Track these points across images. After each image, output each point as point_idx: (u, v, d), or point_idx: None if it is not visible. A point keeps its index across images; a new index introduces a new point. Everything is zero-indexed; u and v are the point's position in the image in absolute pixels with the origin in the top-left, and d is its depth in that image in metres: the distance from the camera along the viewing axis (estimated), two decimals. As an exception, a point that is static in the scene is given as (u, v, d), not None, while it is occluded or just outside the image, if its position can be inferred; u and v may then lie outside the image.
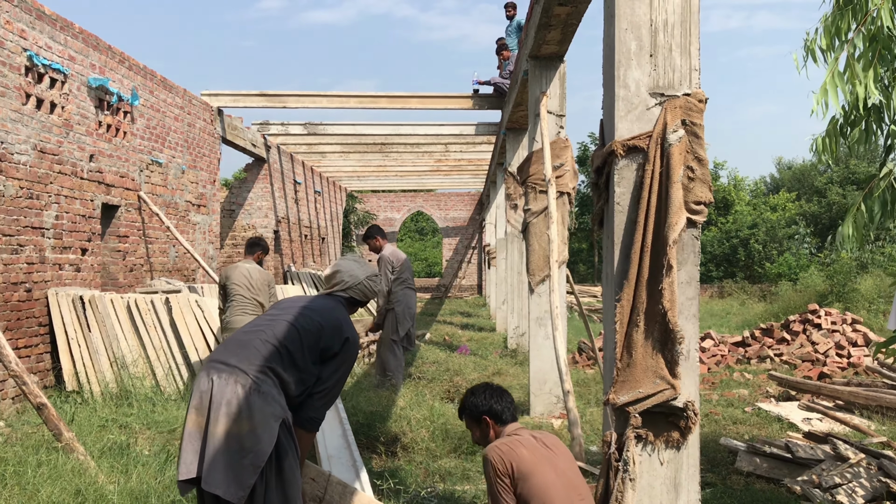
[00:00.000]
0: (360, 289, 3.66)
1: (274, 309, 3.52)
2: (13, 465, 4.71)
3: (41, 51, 7.83)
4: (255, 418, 3.07)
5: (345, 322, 3.45)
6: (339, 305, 3.57)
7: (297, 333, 3.29)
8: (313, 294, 3.55)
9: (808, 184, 38.50)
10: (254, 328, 3.36)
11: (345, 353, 3.37)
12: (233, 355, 3.22)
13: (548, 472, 3.30)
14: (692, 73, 3.54)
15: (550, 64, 7.95)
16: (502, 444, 3.42)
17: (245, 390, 3.10)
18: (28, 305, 7.76)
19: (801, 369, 9.98)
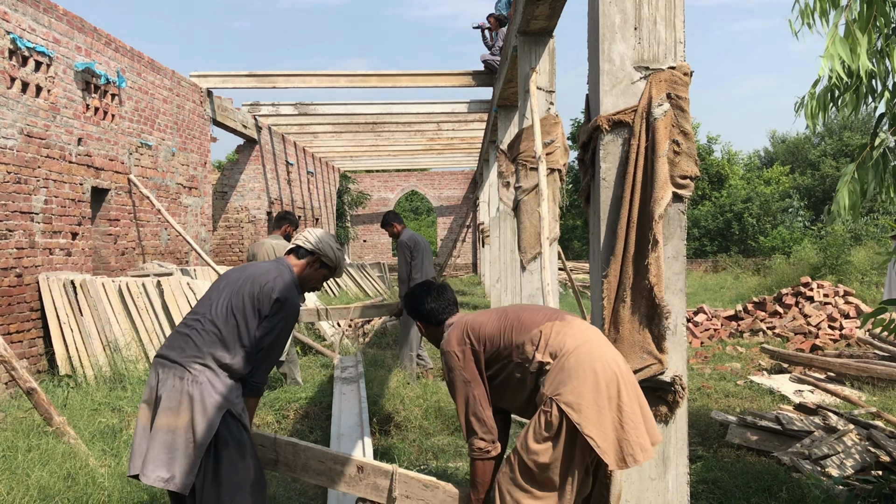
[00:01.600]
0: (304, 242, 3.55)
1: (216, 287, 3.42)
2: (3, 450, 4.71)
3: (25, 33, 7.75)
4: (193, 409, 3.10)
5: (278, 283, 3.35)
6: (280, 267, 3.46)
7: (231, 312, 3.26)
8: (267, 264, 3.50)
9: (802, 157, 38.47)
10: (194, 316, 3.32)
11: (275, 315, 3.30)
12: (174, 349, 3.23)
13: (509, 313, 3.30)
14: (677, 46, 3.51)
15: (539, 39, 7.88)
16: (455, 329, 3.38)
17: (182, 383, 3.13)
18: (19, 291, 7.73)
19: (794, 342, 10.02)
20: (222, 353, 3.21)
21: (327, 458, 3.60)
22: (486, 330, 3.29)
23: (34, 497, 4.02)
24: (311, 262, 3.54)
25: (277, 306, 3.30)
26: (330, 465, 3.61)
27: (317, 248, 3.53)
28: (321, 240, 3.55)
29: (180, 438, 3.08)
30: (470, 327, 3.32)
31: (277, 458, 3.61)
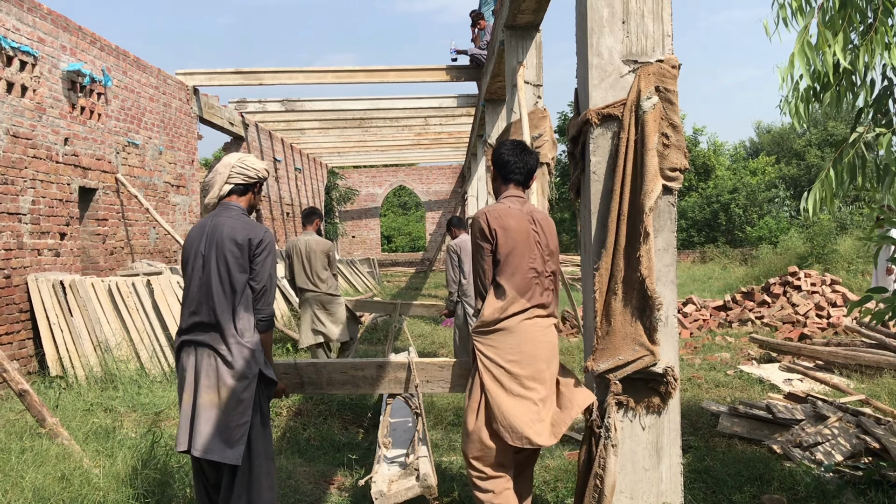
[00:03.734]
0: (235, 177, 3.67)
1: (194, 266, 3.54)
2: (-3, 453, 4.70)
3: (9, 33, 7.69)
4: (230, 386, 3.37)
5: (246, 228, 3.53)
6: (233, 213, 3.61)
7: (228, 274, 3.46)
8: (215, 220, 3.60)
9: (788, 147, 38.67)
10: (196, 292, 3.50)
11: (257, 258, 3.51)
12: (198, 331, 3.46)
13: (523, 250, 3.60)
14: (665, 39, 3.53)
15: (526, 33, 7.89)
16: (490, 209, 3.70)
17: (216, 361, 3.40)
18: (7, 292, 7.69)
19: (782, 331, 10.09)
20: (237, 323, 3.44)
21: (348, 368, 4.03)
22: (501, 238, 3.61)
23: (29, 499, 4.01)
24: (254, 191, 3.77)
25: (257, 245, 3.51)
26: (351, 374, 4.06)
27: (251, 180, 3.70)
28: (246, 168, 3.68)
29: (226, 413, 3.36)
30: (497, 215, 3.65)
31: (302, 380, 3.98)
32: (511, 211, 3.65)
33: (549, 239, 3.70)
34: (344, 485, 4.91)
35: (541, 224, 3.69)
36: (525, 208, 3.70)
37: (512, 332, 3.54)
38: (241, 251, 3.47)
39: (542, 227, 3.68)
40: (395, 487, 3.89)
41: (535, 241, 3.63)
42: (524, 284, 3.57)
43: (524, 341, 3.53)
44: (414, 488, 3.86)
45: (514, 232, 3.59)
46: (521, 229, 3.61)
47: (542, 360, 3.54)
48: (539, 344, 3.55)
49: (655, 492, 3.54)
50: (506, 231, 3.58)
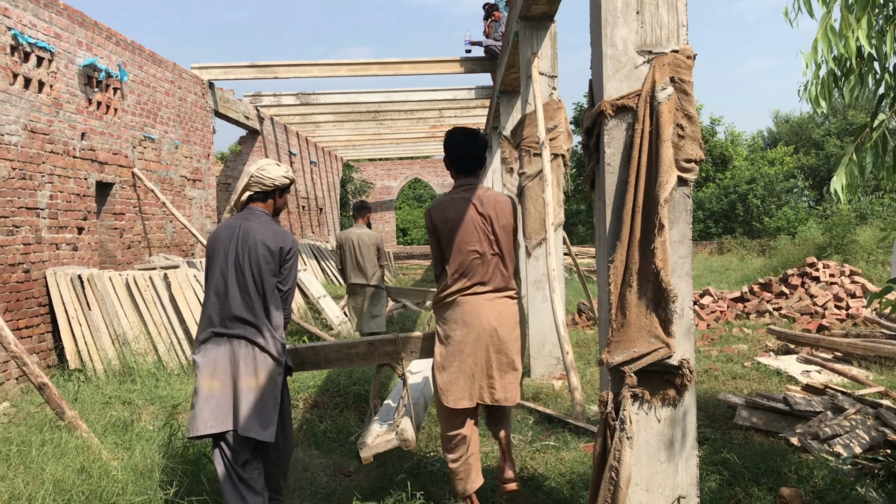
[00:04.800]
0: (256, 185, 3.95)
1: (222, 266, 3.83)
2: (17, 445, 4.75)
3: (26, 29, 7.75)
4: (269, 372, 3.75)
5: (276, 235, 3.86)
6: (261, 218, 3.91)
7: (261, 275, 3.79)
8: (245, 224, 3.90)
9: (806, 136, 38.31)
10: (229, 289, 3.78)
11: (286, 262, 3.87)
12: (230, 324, 3.76)
13: (463, 236, 4.02)
14: (680, 30, 3.50)
15: (541, 24, 7.86)
16: (434, 204, 4.20)
17: (253, 350, 3.75)
18: (27, 286, 7.77)
19: (800, 322, 10.03)
20: (272, 318, 3.80)
21: (342, 347, 4.61)
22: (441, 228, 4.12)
23: (49, 491, 4.06)
24: (274, 197, 4.02)
25: (286, 253, 3.86)
26: (346, 352, 4.62)
27: (273, 185, 3.96)
28: (267, 175, 3.95)
29: (263, 396, 3.72)
30: (438, 209, 4.14)
31: (304, 361, 4.51)
32: (452, 202, 4.11)
33: (497, 220, 4.06)
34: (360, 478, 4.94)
35: (489, 207, 4.06)
36: (477, 193, 4.09)
37: (457, 304, 4.05)
38: (273, 257, 3.81)
39: (489, 211, 4.05)
40: (378, 440, 4.43)
41: (476, 226, 4.03)
42: (465, 265, 4.02)
43: (467, 312, 4.02)
44: (392, 440, 4.40)
45: (452, 221, 4.05)
46: (458, 217, 4.04)
47: (485, 328, 4.00)
48: (479, 313, 4.01)
49: (671, 484, 3.53)
50: (445, 221, 4.06)
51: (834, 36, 3.61)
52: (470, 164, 4.16)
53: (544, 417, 6.14)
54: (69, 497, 4.04)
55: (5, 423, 5.71)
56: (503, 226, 4.09)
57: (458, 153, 4.15)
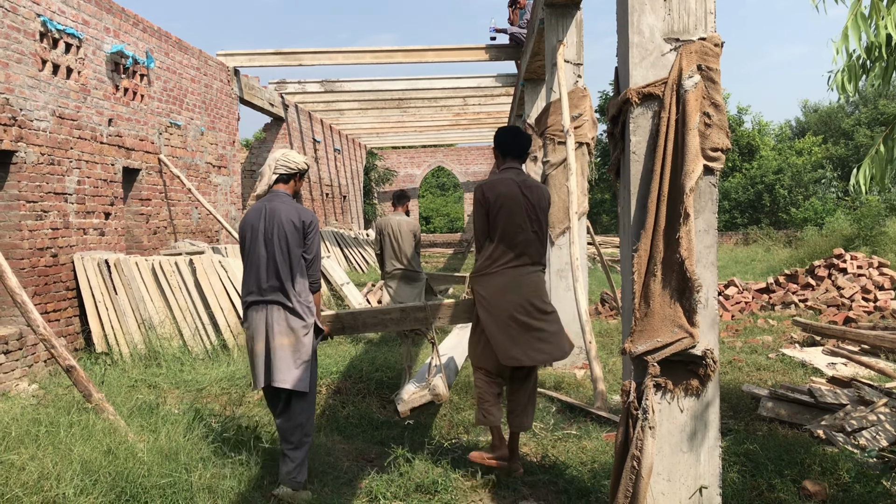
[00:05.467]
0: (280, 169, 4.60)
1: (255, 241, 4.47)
2: (46, 426, 4.82)
3: (55, 16, 7.82)
4: (297, 330, 4.39)
5: (299, 212, 4.50)
6: (284, 198, 4.55)
7: (287, 255, 4.42)
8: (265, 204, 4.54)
9: (835, 126, 37.75)
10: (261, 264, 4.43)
11: (309, 235, 4.49)
12: (264, 293, 4.41)
13: (512, 213, 4.48)
14: (707, 17, 3.46)
15: (566, 11, 7.81)
16: (486, 182, 4.63)
17: (285, 313, 4.38)
18: (55, 270, 7.88)
19: (826, 314, 9.92)
20: (296, 286, 4.42)
21: (378, 313, 5.24)
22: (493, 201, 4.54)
23: (77, 471, 4.12)
24: (296, 179, 4.69)
25: (308, 226, 4.48)
26: (381, 317, 5.22)
27: (293, 170, 4.64)
28: (288, 161, 4.62)
29: (297, 352, 4.36)
30: (490, 185, 4.60)
31: (343, 325, 5.02)
32: (503, 181, 4.56)
33: (537, 202, 4.54)
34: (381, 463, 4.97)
35: (530, 190, 4.55)
36: (519, 178, 4.58)
37: (500, 275, 4.49)
38: (298, 231, 4.43)
39: (531, 193, 4.54)
40: (413, 396, 5.10)
41: (521, 205, 4.49)
42: (511, 239, 4.47)
43: (509, 282, 4.46)
44: (426, 395, 5.09)
45: (504, 197, 4.48)
46: (510, 194, 4.49)
47: (525, 296, 4.45)
48: (522, 284, 4.47)
49: (693, 474, 3.52)
50: (497, 197, 4.49)
51: (864, 23, 3.55)
52: (519, 149, 4.72)
53: (566, 406, 6.14)
54: (96, 477, 4.10)
55: (34, 405, 5.80)
56: (542, 209, 4.58)
57: (506, 140, 4.71)
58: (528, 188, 4.56)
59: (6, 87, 7.09)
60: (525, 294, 4.46)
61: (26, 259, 7.41)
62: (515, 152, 4.71)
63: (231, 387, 6.67)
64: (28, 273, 7.42)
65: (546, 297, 4.60)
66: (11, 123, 7.16)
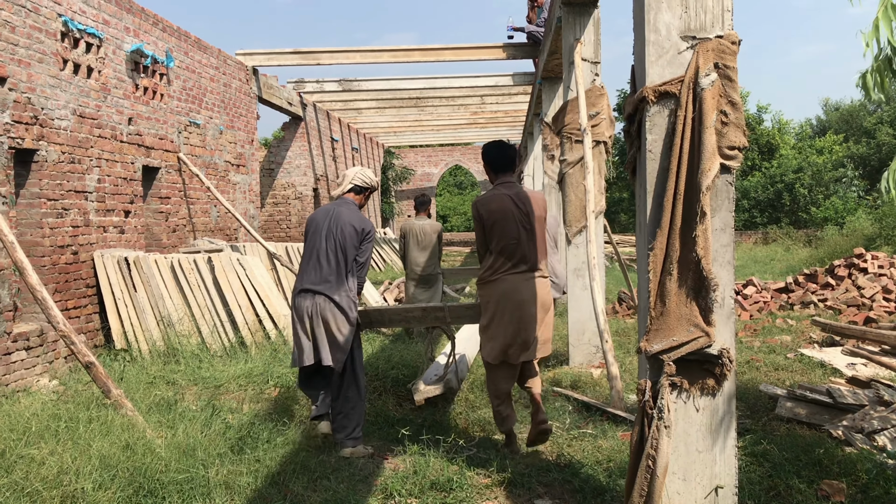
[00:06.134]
0: (356, 181, 5.38)
1: (317, 235, 5.17)
2: (65, 421, 4.88)
3: (75, 15, 7.90)
4: (339, 319, 5.05)
5: (361, 220, 5.21)
6: (351, 206, 5.30)
7: (342, 252, 5.12)
8: (334, 207, 5.30)
9: (857, 125, 37.39)
10: (319, 260, 5.13)
11: (364, 241, 5.18)
12: (315, 283, 5.09)
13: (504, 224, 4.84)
14: (724, 14, 3.44)
15: (584, 10, 7.78)
16: (479, 198, 5.02)
17: (332, 304, 5.05)
18: (75, 268, 7.96)
19: (846, 314, 9.83)
20: (346, 281, 5.10)
21: (401, 311, 6.01)
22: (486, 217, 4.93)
23: (96, 466, 4.17)
24: (366, 195, 5.48)
25: (366, 234, 5.19)
26: (404, 314, 5.98)
27: (366, 185, 5.44)
28: (365, 177, 5.43)
29: (340, 337, 5.05)
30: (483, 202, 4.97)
31: (371, 320, 5.79)
32: (494, 196, 4.92)
33: (531, 212, 4.87)
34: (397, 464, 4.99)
35: (524, 201, 4.88)
36: (511, 191, 4.91)
37: (500, 281, 4.87)
38: (357, 236, 5.13)
39: (525, 205, 4.87)
40: (428, 388, 5.58)
41: (514, 217, 4.83)
42: (505, 249, 4.84)
43: (507, 288, 4.85)
44: (440, 388, 5.55)
45: (496, 213, 4.85)
46: (502, 209, 4.85)
47: (522, 300, 4.83)
48: (518, 289, 4.84)
49: (709, 474, 3.50)
50: (490, 213, 4.86)
51: (895, 12, 3.51)
52: (504, 162, 5.02)
53: (582, 405, 6.12)
54: (114, 472, 4.15)
55: (54, 400, 5.87)
56: (537, 217, 4.90)
57: (494, 156, 5.03)
58: (521, 200, 4.89)
59: (28, 87, 7.17)
60: (522, 298, 4.84)
61: (47, 256, 7.49)
62: (505, 167, 5.03)
63: (249, 384, 6.71)
64: (49, 270, 7.51)
65: (545, 298, 4.95)
66: (33, 122, 7.24)
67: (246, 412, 5.81)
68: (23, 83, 7.11)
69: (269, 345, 8.05)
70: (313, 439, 5.27)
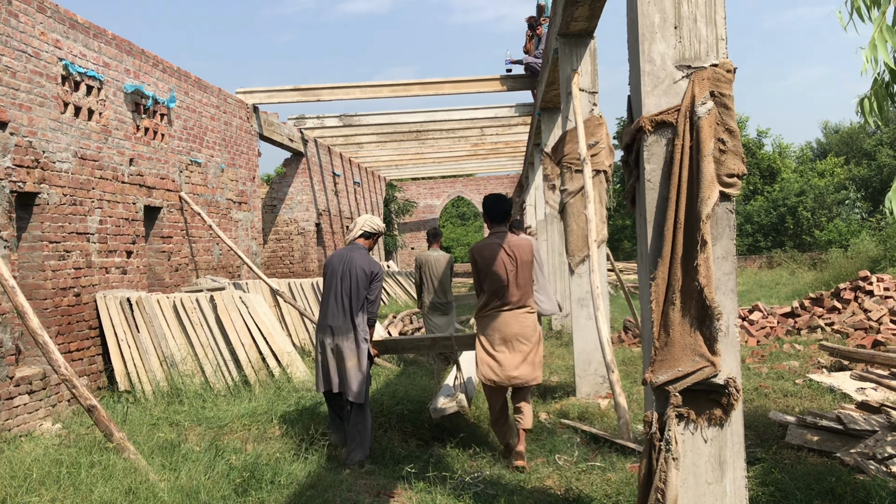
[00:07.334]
0: (366, 227, 6.08)
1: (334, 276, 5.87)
2: (67, 467, 4.83)
3: (76, 59, 7.97)
4: (359, 355, 5.74)
5: (370, 263, 5.89)
6: (361, 251, 5.98)
7: (356, 292, 5.80)
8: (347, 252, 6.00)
9: (857, 147, 37.46)
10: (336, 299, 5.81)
11: (374, 281, 5.86)
12: (337, 320, 5.76)
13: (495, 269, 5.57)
14: (719, 43, 3.45)
15: (580, 41, 7.83)
16: (475, 245, 5.79)
17: (349, 340, 5.73)
18: (77, 310, 7.94)
19: (854, 338, 9.75)
20: (359, 317, 5.77)
21: (414, 341, 7.02)
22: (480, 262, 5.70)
23: (97, 512, 4.12)
24: (374, 239, 6.18)
25: (374, 276, 5.85)
26: (416, 343, 6.98)
27: (373, 231, 6.15)
28: (373, 224, 6.14)
29: (359, 370, 5.67)
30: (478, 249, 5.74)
31: (387, 348, 6.44)
32: (488, 244, 5.69)
33: (518, 257, 5.59)
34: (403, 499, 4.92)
35: (514, 249, 5.61)
36: (503, 240, 5.65)
37: (491, 317, 5.63)
38: (367, 277, 5.82)
39: (514, 252, 5.60)
40: (443, 406, 6.06)
41: (503, 262, 5.57)
42: (496, 290, 5.59)
43: (499, 322, 5.59)
44: (453, 406, 6.06)
45: (488, 259, 5.61)
46: (493, 255, 5.59)
47: (510, 333, 5.56)
48: (508, 324, 5.57)
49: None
50: (483, 259, 5.64)
51: (890, 34, 3.51)
52: (499, 215, 5.78)
53: (590, 437, 6.05)
54: (117, 518, 4.09)
55: (56, 445, 5.82)
56: (524, 261, 5.63)
57: (492, 209, 5.78)
58: (511, 247, 5.63)
59: (29, 131, 7.22)
60: (510, 331, 5.57)
61: (49, 299, 7.48)
62: (499, 219, 5.79)
63: (252, 423, 6.65)
64: (51, 313, 7.49)
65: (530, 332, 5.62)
66: (34, 166, 7.27)
67: (250, 452, 5.75)
68: (24, 127, 7.15)
69: (272, 382, 8.00)
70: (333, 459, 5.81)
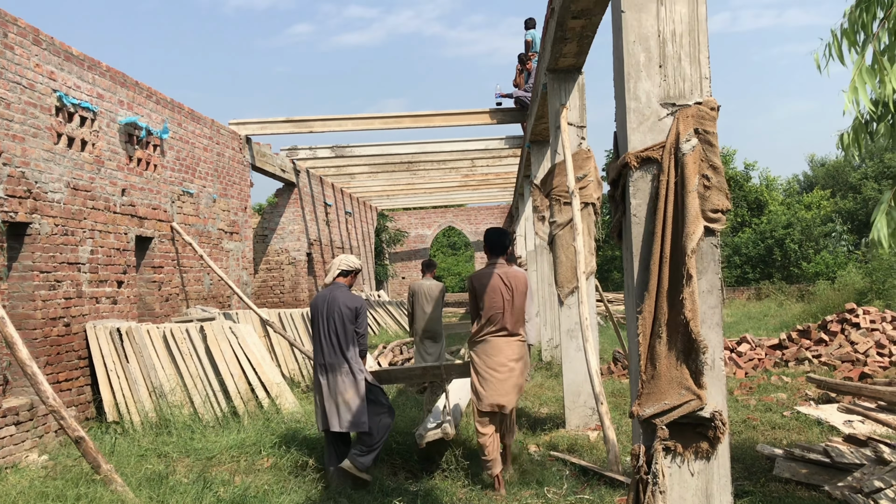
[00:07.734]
0: (342, 266, 6.30)
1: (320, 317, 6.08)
2: (53, 500, 4.80)
3: (70, 90, 8.04)
4: (358, 389, 5.92)
5: (352, 299, 6.12)
6: (342, 289, 6.20)
7: (343, 330, 6.01)
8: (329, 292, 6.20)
9: (843, 180, 37.88)
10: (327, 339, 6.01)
11: (359, 316, 6.09)
12: (332, 357, 5.96)
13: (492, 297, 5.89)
14: (703, 82, 3.53)
15: (568, 76, 7.95)
16: (474, 273, 6.13)
17: (345, 376, 5.93)
18: (67, 340, 7.92)
19: (841, 370, 9.80)
20: (350, 352, 5.99)
21: (405, 371, 7.21)
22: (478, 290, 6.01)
23: (84, 545, 4.09)
24: (353, 276, 6.39)
25: (358, 310, 6.09)
26: (408, 374, 7.17)
27: (350, 269, 6.35)
28: (349, 262, 6.35)
29: (358, 403, 5.88)
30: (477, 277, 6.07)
31: (381, 379, 6.51)
32: (485, 273, 6.02)
33: (514, 288, 5.92)
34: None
35: (510, 280, 5.93)
36: (500, 270, 5.97)
37: (486, 342, 5.94)
38: (351, 314, 6.03)
39: (510, 282, 5.91)
40: (429, 434, 6.22)
41: (500, 291, 5.88)
42: (492, 317, 5.89)
43: (491, 347, 5.91)
44: (438, 433, 6.19)
45: (484, 287, 5.92)
46: (490, 284, 5.90)
47: (503, 358, 5.87)
48: (501, 350, 5.89)
49: (707, 540, 3.45)
50: (482, 287, 5.95)
51: (870, 77, 3.61)
52: (498, 248, 6.12)
53: (580, 470, 6.06)
54: (103, 551, 4.07)
55: (42, 477, 5.78)
56: (520, 292, 5.96)
57: (493, 241, 6.11)
58: (507, 277, 5.94)
59: (22, 161, 7.25)
60: (502, 356, 5.88)
61: (39, 329, 7.46)
62: (498, 251, 6.12)
63: (241, 454, 6.62)
64: (40, 343, 7.47)
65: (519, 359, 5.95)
66: (27, 196, 7.30)
67: (238, 484, 5.72)
68: (17, 157, 7.19)
69: (261, 414, 7.97)
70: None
